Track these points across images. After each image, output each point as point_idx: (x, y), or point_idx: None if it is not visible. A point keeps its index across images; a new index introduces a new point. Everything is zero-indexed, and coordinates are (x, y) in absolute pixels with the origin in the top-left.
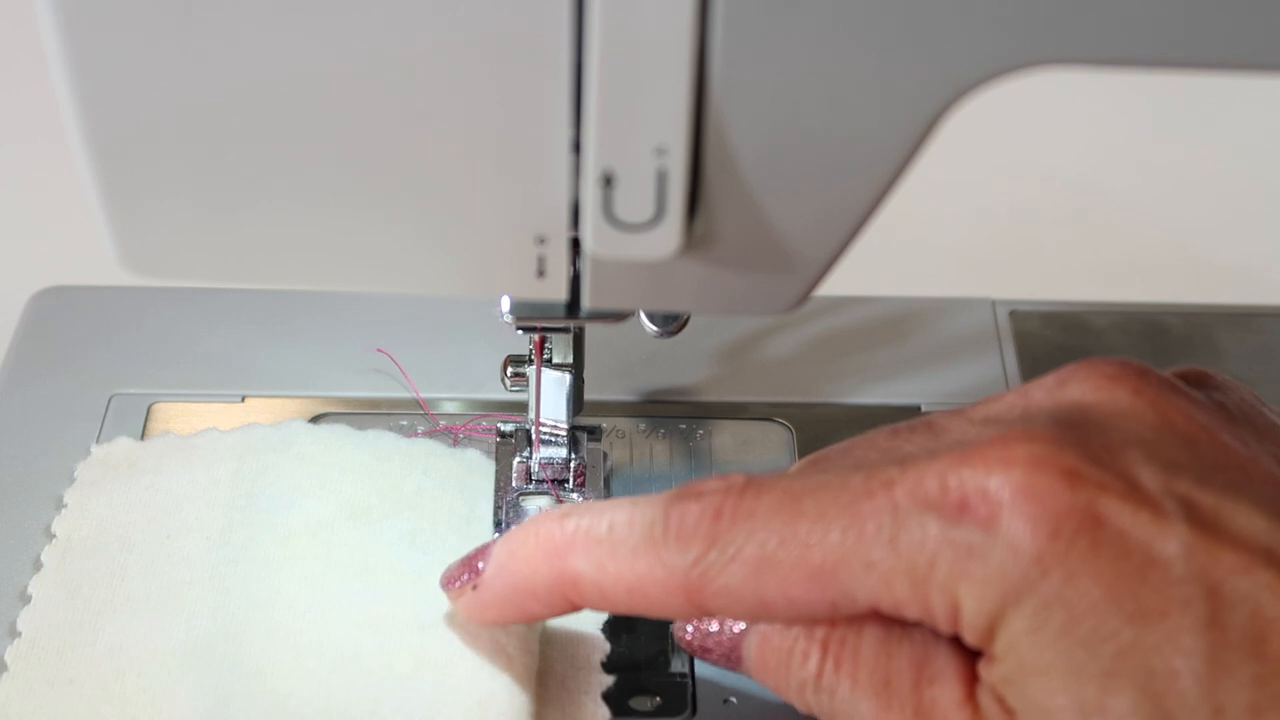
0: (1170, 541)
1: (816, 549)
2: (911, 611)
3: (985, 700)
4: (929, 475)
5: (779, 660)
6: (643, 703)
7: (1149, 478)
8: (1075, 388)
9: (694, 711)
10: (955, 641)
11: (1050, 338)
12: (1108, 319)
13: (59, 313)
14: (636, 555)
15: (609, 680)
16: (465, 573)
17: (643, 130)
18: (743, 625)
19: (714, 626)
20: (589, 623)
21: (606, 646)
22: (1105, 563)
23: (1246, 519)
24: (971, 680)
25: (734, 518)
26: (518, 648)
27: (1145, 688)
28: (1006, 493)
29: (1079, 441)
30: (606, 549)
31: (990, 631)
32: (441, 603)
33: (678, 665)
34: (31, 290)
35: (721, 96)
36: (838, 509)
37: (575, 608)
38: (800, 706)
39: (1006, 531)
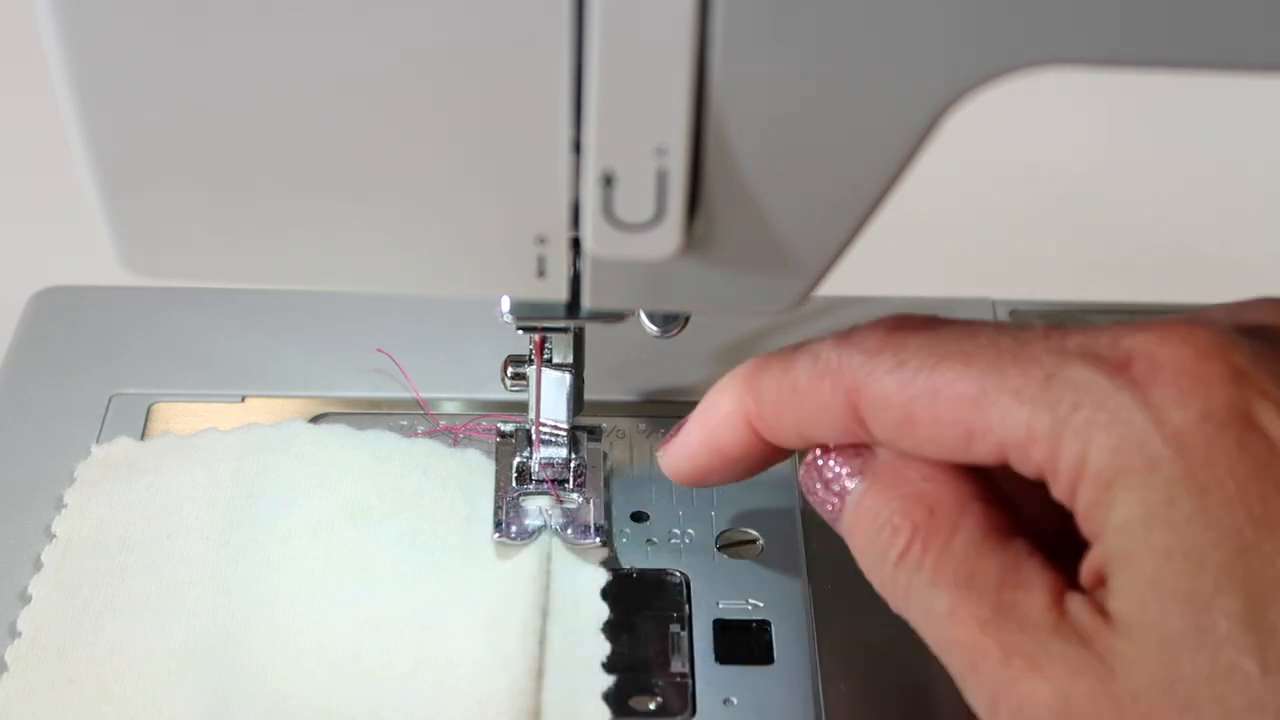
0: None
1: (975, 371)
2: (1040, 451)
3: (1076, 610)
4: (1105, 333)
5: (873, 526)
6: (643, 703)
7: None
8: (1255, 312)
9: (694, 711)
10: (1046, 563)
11: None
12: (1108, 319)
13: (59, 313)
14: (816, 359)
15: (609, 680)
16: (673, 433)
17: (643, 130)
18: (853, 484)
19: (830, 471)
20: (589, 623)
21: (607, 647)
22: (1246, 462)
23: None
24: (1060, 591)
25: (913, 331)
26: (518, 648)
27: (1253, 593)
28: (1171, 364)
29: (1254, 349)
30: (788, 361)
31: (1111, 490)
32: (441, 602)
33: (678, 665)
34: (31, 290)
35: (721, 96)
36: (1012, 343)
37: (759, 441)
38: (877, 581)
39: (1158, 398)
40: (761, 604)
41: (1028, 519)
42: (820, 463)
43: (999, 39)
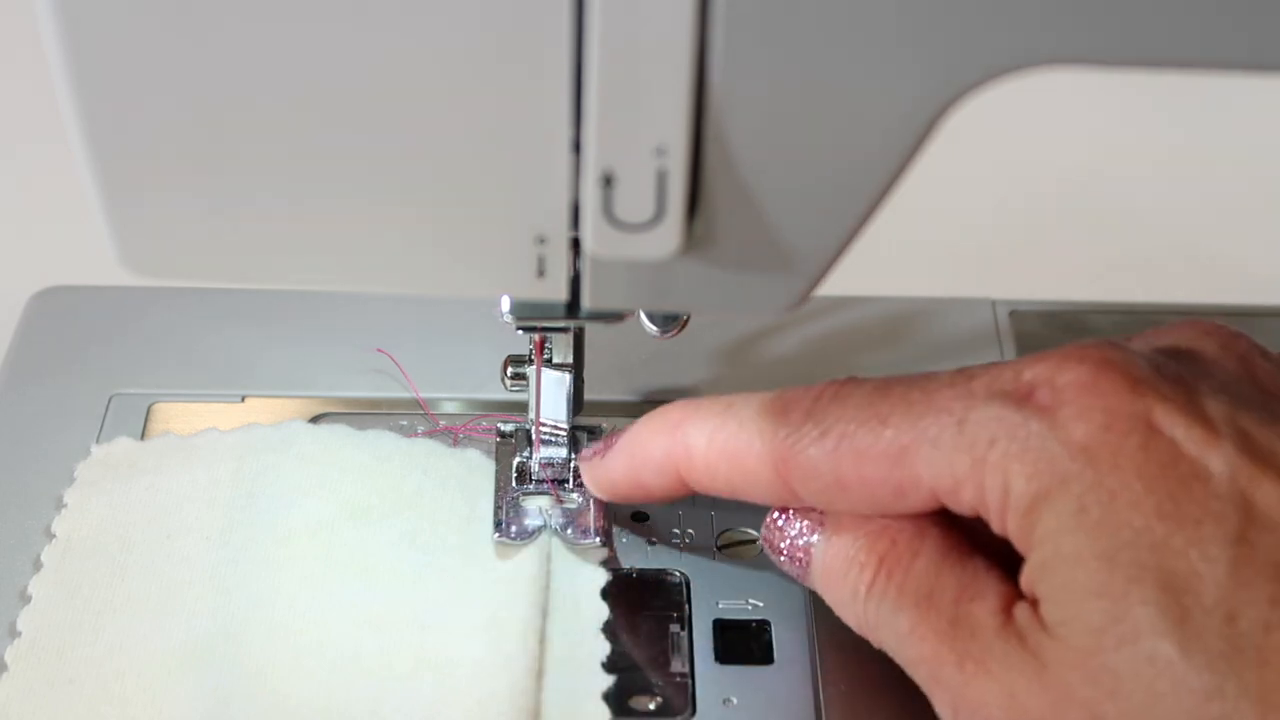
0: (1217, 460)
1: (893, 429)
2: (968, 492)
3: (1021, 615)
4: (1008, 369)
5: (841, 566)
6: (643, 703)
7: (1213, 405)
8: (1168, 335)
9: (694, 711)
10: (1003, 577)
11: (1050, 338)
12: (1108, 319)
13: (59, 313)
14: (743, 426)
15: (609, 680)
16: (600, 447)
17: (643, 130)
18: (816, 539)
19: (792, 530)
20: (589, 623)
21: (607, 647)
22: (1152, 464)
23: None
24: (1011, 600)
25: (832, 399)
26: (518, 647)
27: (1167, 584)
28: (1072, 385)
29: (1155, 362)
30: (719, 421)
31: (1033, 513)
32: (441, 602)
33: (678, 665)
34: (31, 290)
35: (721, 96)
36: (922, 396)
37: (684, 486)
38: (853, 619)
39: (1063, 418)
40: (761, 604)
41: (993, 543)
42: (781, 523)
43: (999, 39)
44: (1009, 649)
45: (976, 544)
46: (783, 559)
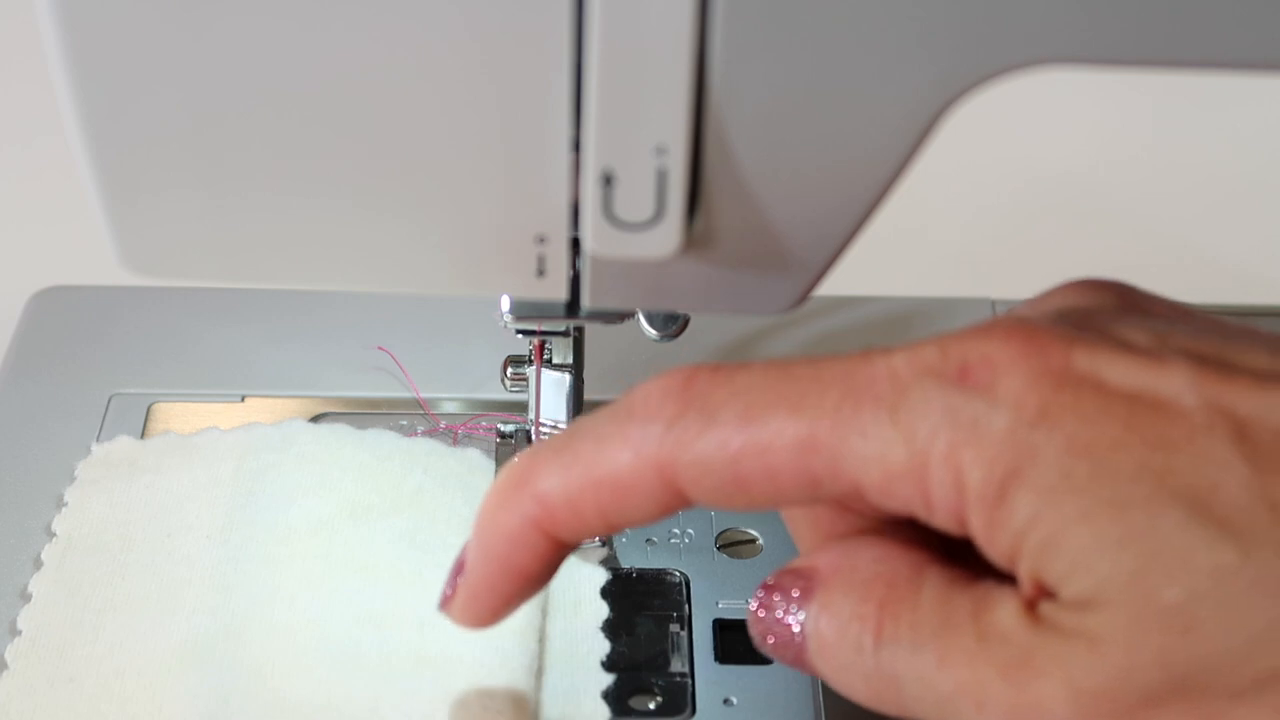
0: (1174, 380)
1: (808, 416)
2: (905, 488)
3: (1046, 609)
4: (928, 346)
5: (841, 629)
6: (643, 703)
7: (1143, 338)
8: (1056, 299)
9: (694, 711)
10: (1004, 581)
11: None
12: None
13: (59, 313)
14: (601, 443)
15: (609, 680)
16: (451, 580)
17: (643, 130)
18: (804, 614)
19: (777, 610)
20: (589, 622)
21: (606, 646)
22: (1116, 405)
23: (1252, 357)
24: (1025, 600)
25: (711, 381)
26: (517, 647)
27: (1193, 500)
28: (1006, 355)
29: (1072, 321)
30: (571, 452)
31: (1005, 499)
32: None
33: (678, 665)
34: (31, 290)
35: (721, 96)
36: (834, 374)
37: (559, 546)
38: (859, 680)
39: (1009, 390)
40: None
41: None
42: (763, 613)
43: (998, 39)
44: (1049, 641)
45: (981, 568)
46: (774, 644)
